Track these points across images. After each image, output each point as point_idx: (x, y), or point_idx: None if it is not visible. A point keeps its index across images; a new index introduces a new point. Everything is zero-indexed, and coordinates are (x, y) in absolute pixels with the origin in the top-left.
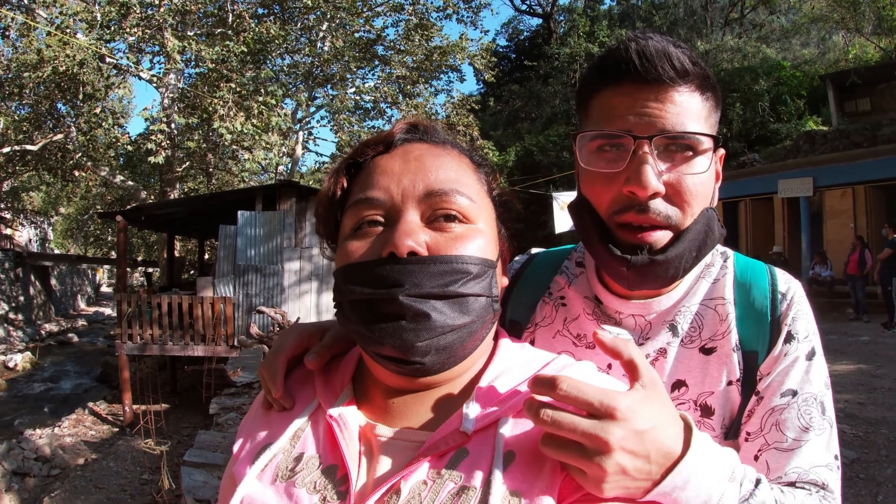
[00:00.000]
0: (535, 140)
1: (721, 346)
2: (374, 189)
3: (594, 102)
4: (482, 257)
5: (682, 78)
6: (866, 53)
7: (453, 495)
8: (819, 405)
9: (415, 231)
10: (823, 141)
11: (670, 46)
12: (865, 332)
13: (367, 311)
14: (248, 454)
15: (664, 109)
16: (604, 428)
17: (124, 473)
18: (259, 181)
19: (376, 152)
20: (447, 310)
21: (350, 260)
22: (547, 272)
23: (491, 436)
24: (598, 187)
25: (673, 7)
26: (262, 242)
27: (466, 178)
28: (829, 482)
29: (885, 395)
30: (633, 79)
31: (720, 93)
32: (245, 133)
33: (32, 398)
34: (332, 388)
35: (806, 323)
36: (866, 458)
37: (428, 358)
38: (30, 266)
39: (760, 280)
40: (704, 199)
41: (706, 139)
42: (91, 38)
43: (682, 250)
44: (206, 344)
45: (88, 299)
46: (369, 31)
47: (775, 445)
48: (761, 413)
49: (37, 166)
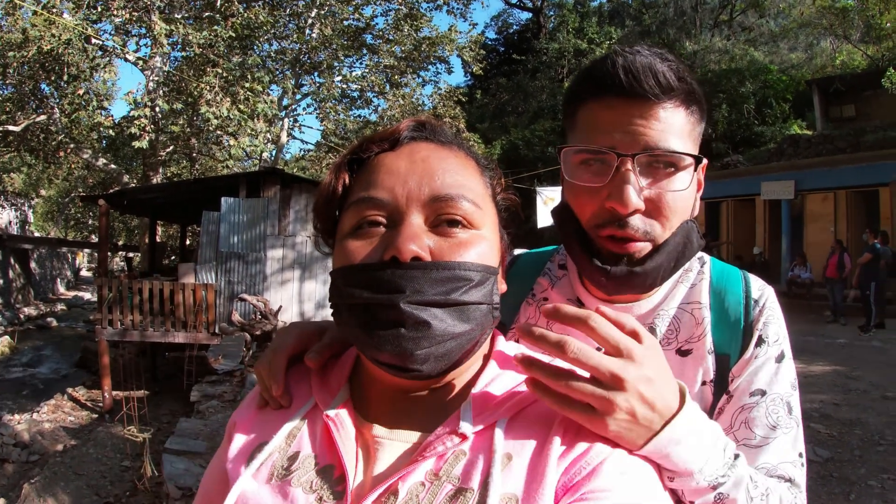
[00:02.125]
0: (520, 134)
1: (696, 348)
2: (377, 189)
3: (580, 114)
4: (485, 264)
5: (666, 94)
6: (853, 60)
7: (451, 497)
8: (786, 405)
9: (419, 235)
10: (807, 145)
11: (657, 62)
12: (842, 334)
13: (366, 316)
14: (242, 453)
15: (648, 126)
16: (623, 366)
17: (104, 460)
18: (243, 168)
19: (381, 149)
20: (447, 318)
21: (350, 261)
22: (530, 274)
23: (489, 437)
24: (581, 199)
25: (663, 6)
26: (245, 229)
27: (472, 183)
28: (796, 477)
29: (860, 397)
30: (619, 93)
31: (706, 102)
32: (231, 119)
33: (11, 383)
34: (328, 388)
35: (777, 327)
36: (840, 457)
37: (426, 365)
38: (9, 249)
39: (735, 286)
40: (684, 212)
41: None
42: (77, 18)
43: (660, 262)
44: (188, 331)
45: (68, 283)
46: (358, 20)
47: (744, 442)
48: (731, 411)
49: (18, 147)
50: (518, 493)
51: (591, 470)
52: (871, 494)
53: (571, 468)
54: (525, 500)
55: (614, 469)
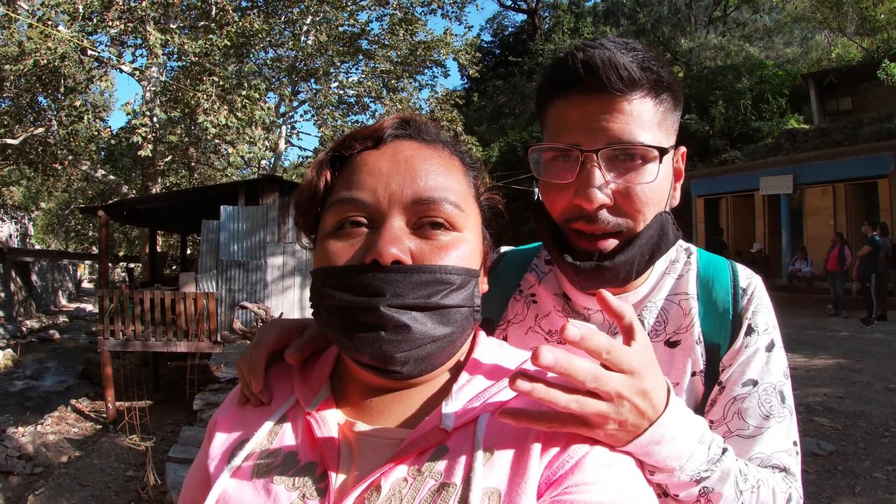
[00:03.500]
0: (518, 136)
1: (685, 339)
2: (359, 189)
3: (549, 113)
4: (466, 267)
5: (629, 86)
6: (849, 53)
7: (434, 492)
8: (778, 394)
9: (399, 238)
10: (805, 139)
11: (618, 54)
12: (844, 327)
13: (346, 318)
14: (224, 451)
15: (611, 120)
16: (624, 383)
17: (108, 471)
18: (242, 176)
19: (364, 147)
20: (428, 321)
21: (330, 262)
22: (517, 270)
23: (470, 432)
24: (551, 196)
25: (657, 4)
26: (244, 237)
27: (456, 184)
28: (791, 466)
29: (863, 389)
30: (581, 90)
31: (680, 89)
32: (229, 127)
33: (14, 396)
34: (310, 385)
35: (766, 316)
36: (844, 450)
37: (406, 367)
38: (10, 262)
39: (722, 276)
40: (657, 204)
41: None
42: (73, 30)
43: (632, 256)
44: (189, 340)
45: (70, 295)
46: (353, 26)
47: (738, 433)
48: (724, 402)
49: (17, 160)
50: (501, 487)
51: (574, 463)
52: (877, 486)
53: (554, 462)
54: (508, 495)
55: (597, 462)
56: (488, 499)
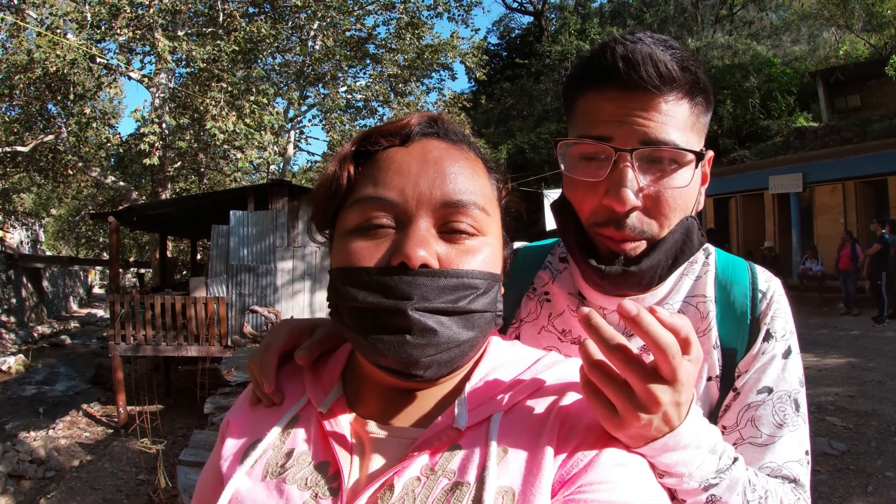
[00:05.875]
0: (526, 138)
1: (702, 343)
2: (386, 188)
3: (578, 105)
4: (490, 272)
5: (668, 85)
6: (856, 50)
7: (447, 491)
8: (793, 402)
9: (427, 241)
10: (813, 137)
11: (659, 50)
12: (856, 326)
13: (370, 320)
14: (236, 451)
15: (648, 118)
16: (664, 392)
17: (120, 474)
18: (251, 181)
19: (390, 143)
20: (454, 325)
21: (353, 262)
22: (530, 268)
23: (483, 432)
24: (579, 194)
25: (663, 4)
26: (254, 242)
27: (482, 188)
28: (801, 477)
29: (875, 388)
30: (618, 84)
31: (712, 92)
32: (237, 133)
33: (26, 401)
34: (321, 385)
35: (784, 322)
36: (856, 449)
37: (429, 371)
38: (21, 268)
39: (741, 279)
40: (684, 209)
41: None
42: (81, 38)
43: (656, 261)
44: (200, 344)
45: (81, 301)
46: (360, 30)
47: (750, 440)
48: (737, 409)
49: (27, 167)
50: (515, 486)
51: (588, 462)
52: (889, 486)
53: (568, 461)
54: (522, 494)
55: (611, 461)
56: (502, 498)
